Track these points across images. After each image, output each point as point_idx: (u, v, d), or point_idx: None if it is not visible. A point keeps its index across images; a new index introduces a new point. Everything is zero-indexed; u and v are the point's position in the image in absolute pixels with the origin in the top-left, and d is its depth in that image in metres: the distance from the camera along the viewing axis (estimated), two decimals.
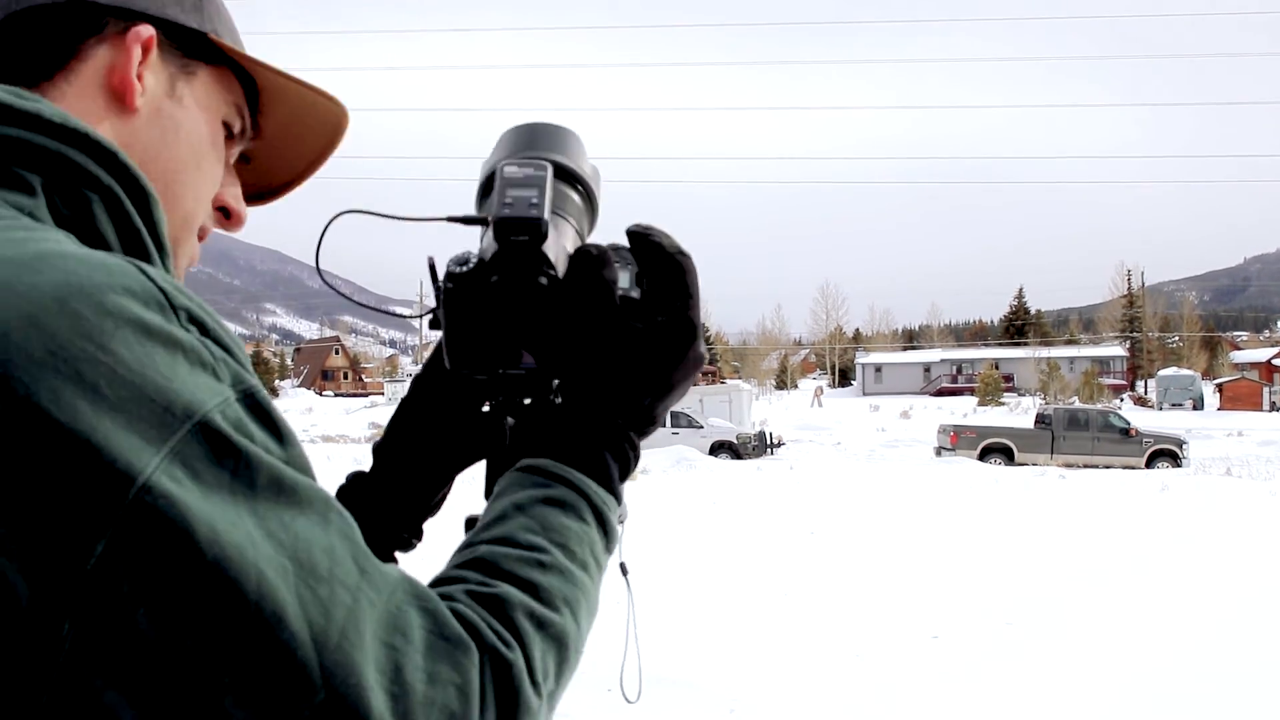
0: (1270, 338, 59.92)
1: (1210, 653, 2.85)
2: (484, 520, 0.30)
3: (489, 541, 0.29)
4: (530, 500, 0.30)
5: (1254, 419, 20.62)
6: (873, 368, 38.63)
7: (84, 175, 0.26)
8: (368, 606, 0.22)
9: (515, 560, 0.28)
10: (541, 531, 0.29)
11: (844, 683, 2.54)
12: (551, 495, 0.30)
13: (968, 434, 11.65)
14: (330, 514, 0.23)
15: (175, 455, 0.21)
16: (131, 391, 0.20)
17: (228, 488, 0.21)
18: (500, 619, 0.26)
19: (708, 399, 14.82)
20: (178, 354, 0.22)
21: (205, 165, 0.33)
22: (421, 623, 0.24)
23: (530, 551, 0.28)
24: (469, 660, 0.24)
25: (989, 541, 4.83)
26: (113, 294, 0.22)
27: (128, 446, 0.20)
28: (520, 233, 0.33)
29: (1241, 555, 4.45)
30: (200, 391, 0.22)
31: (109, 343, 0.21)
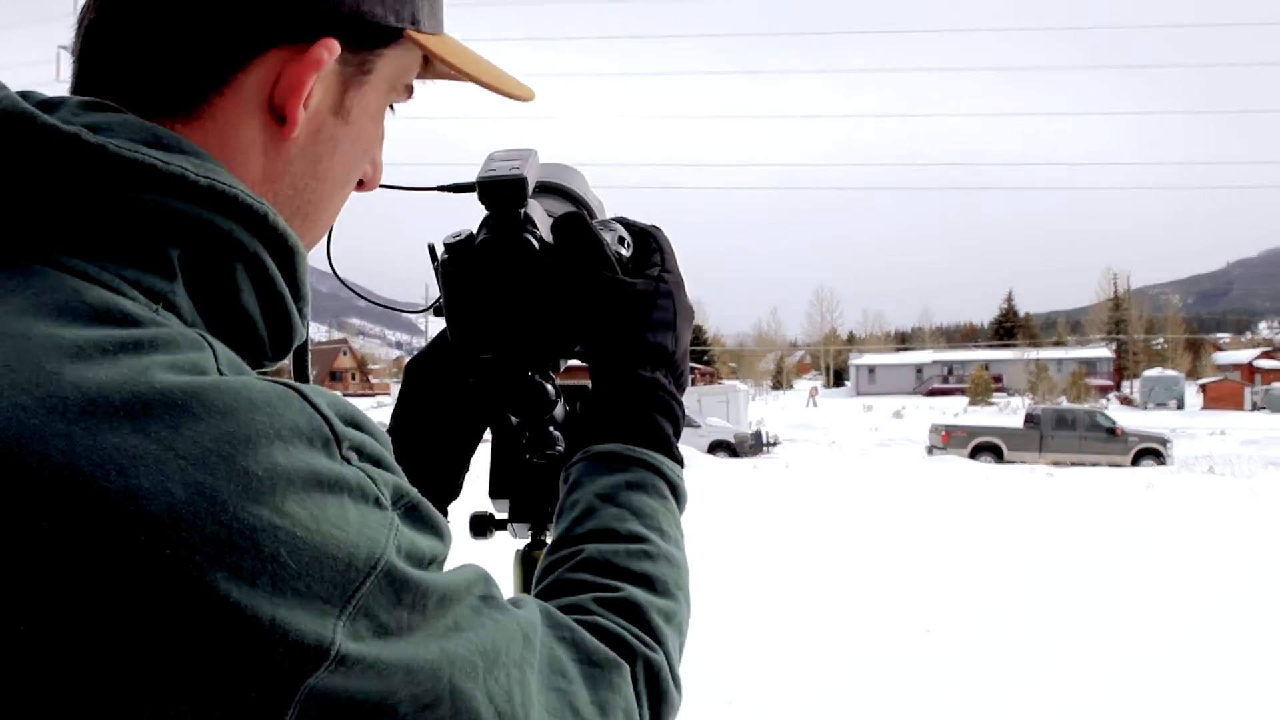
0: (1252, 339, 61.17)
1: (1195, 645, 2.91)
2: (572, 514, 0.31)
3: (591, 538, 0.29)
4: (614, 488, 0.31)
5: (1236, 418, 21.01)
6: (866, 369, 39.10)
7: (230, 243, 0.24)
8: (530, 670, 0.23)
9: (626, 556, 0.29)
10: (636, 519, 0.30)
11: (839, 675, 2.57)
12: (632, 479, 0.31)
13: (958, 433, 11.82)
14: (484, 591, 0.24)
15: (360, 611, 0.20)
16: (312, 555, 0.19)
17: (406, 625, 0.21)
18: (638, 624, 0.27)
19: (706, 399, 14.88)
20: (345, 496, 0.20)
21: (355, 175, 0.29)
22: (572, 656, 0.25)
23: (636, 544, 0.29)
24: (624, 678, 0.26)
25: (979, 538, 4.91)
26: (280, 442, 0.20)
27: (313, 618, 0.19)
28: (502, 191, 0.34)
29: (1224, 550, 4.55)
30: (372, 531, 0.21)
31: (283, 504, 0.19)
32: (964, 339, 58.06)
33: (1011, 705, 2.37)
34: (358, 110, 0.28)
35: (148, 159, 0.22)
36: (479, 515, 0.41)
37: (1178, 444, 12.04)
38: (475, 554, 0.56)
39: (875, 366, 39.49)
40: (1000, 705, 2.37)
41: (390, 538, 0.21)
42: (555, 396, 0.37)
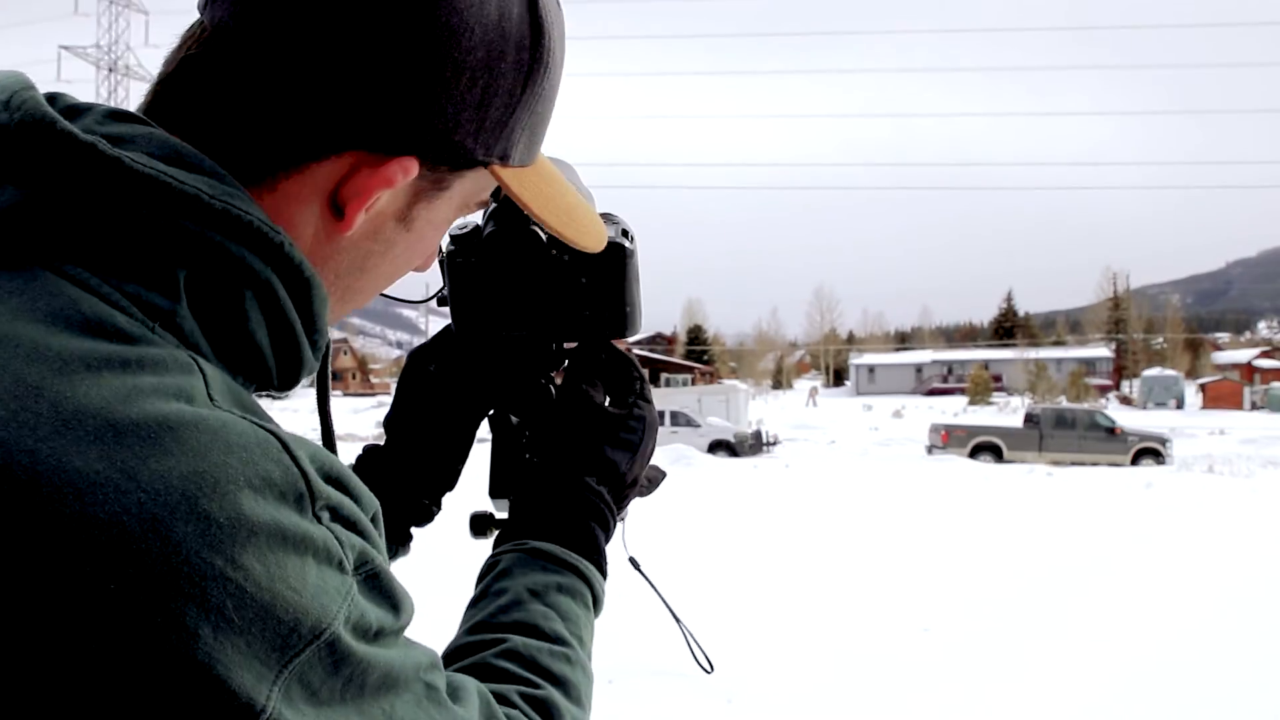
0: (1251, 339, 61.28)
1: (1195, 644, 2.92)
2: (499, 600, 0.32)
3: (517, 629, 0.31)
4: (545, 586, 0.32)
5: (1235, 418, 20.97)
6: (866, 368, 38.99)
7: (241, 269, 0.23)
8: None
9: (549, 655, 0.30)
10: (562, 621, 0.32)
11: (838, 674, 2.58)
12: (563, 583, 0.33)
13: (958, 433, 11.82)
14: (431, 681, 0.23)
15: (295, 676, 0.19)
16: (259, 612, 0.18)
17: (339, 696, 0.20)
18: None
19: (706, 398, 14.92)
20: (308, 556, 0.20)
21: (405, 272, 0.29)
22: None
23: (558, 645, 0.31)
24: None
25: (979, 537, 4.91)
26: (250, 490, 0.19)
27: (249, 677, 0.18)
28: None
29: (1224, 550, 4.55)
30: (327, 599, 0.20)
31: (240, 556, 0.18)
32: (963, 339, 58.09)
33: (1010, 704, 2.38)
34: (423, 220, 0.27)
35: (163, 176, 0.21)
36: (479, 515, 0.41)
37: (1177, 443, 12.05)
38: (476, 553, 0.56)
39: (875, 366, 39.40)
40: (999, 704, 2.38)
41: (342, 607, 0.20)
42: None
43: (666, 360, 36.92)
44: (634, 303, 0.38)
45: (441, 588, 0.51)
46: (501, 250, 0.35)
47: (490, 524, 0.41)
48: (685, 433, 11.70)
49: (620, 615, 0.88)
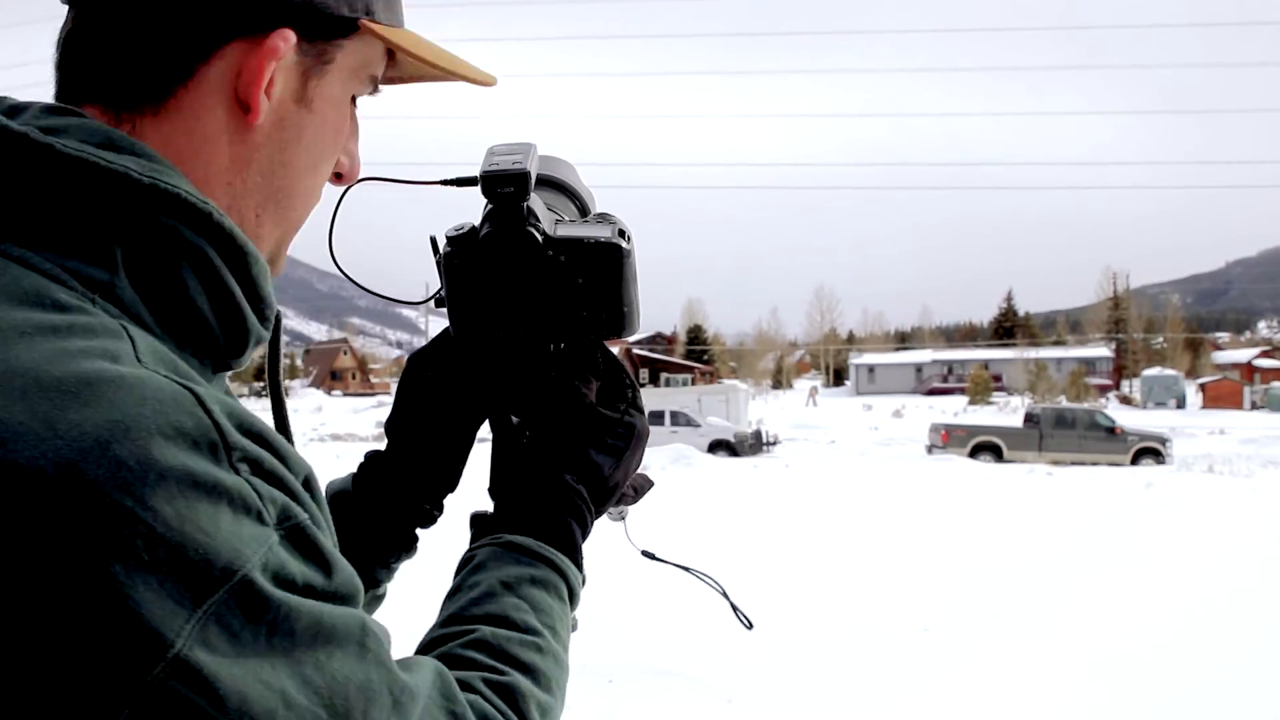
0: (1251, 339, 61.52)
1: (1194, 644, 2.92)
2: (471, 593, 0.32)
3: (488, 621, 0.31)
4: (518, 579, 0.33)
5: (1235, 418, 20.95)
6: (866, 368, 39.06)
7: (175, 240, 0.24)
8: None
9: (519, 644, 0.30)
10: (533, 612, 0.32)
11: (837, 674, 2.58)
12: (537, 575, 0.33)
13: (958, 432, 11.83)
14: (366, 641, 0.23)
15: (211, 617, 0.20)
16: (169, 552, 0.20)
17: (265, 643, 0.21)
18: (516, 712, 0.28)
19: (706, 398, 14.94)
20: (221, 503, 0.21)
21: (324, 165, 0.30)
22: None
23: (529, 635, 0.31)
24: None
25: (979, 537, 4.91)
26: (161, 438, 0.20)
27: (161, 613, 0.19)
28: (506, 185, 0.34)
29: (1223, 549, 4.55)
30: (242, 544, 0.21)
31: (150, 498, 0.20)
32: (963, 338, 57.97)
33: (1010, 704, 2.38)
34: (320, 99, 0.29)
35: (92, 157, 0.23)
36: (479, 515, 0.40)
37: (1177, 443, 12.06)
38: None
39: (875, 366, 39.46)
40: (998, 704, 2.38)
41: (259, 553, 0.21)
42: None
43: (666, 360, 37.00)
44: (632, 303, 0.38)
45: (441, 588, 0.51)
46: (498, 251, 0.35)
47: None
48: (685, 432, 11.72)
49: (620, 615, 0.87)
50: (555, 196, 0.40)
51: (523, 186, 0.35)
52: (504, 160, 0.35)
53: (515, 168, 0.35)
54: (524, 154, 0.35)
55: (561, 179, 0.41)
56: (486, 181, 0.35)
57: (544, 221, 0.36)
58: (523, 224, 0.35)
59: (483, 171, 0.35)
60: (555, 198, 0.40)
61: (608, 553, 0.52)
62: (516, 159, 0.35)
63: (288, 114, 0.28)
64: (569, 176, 0.41)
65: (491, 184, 0.35)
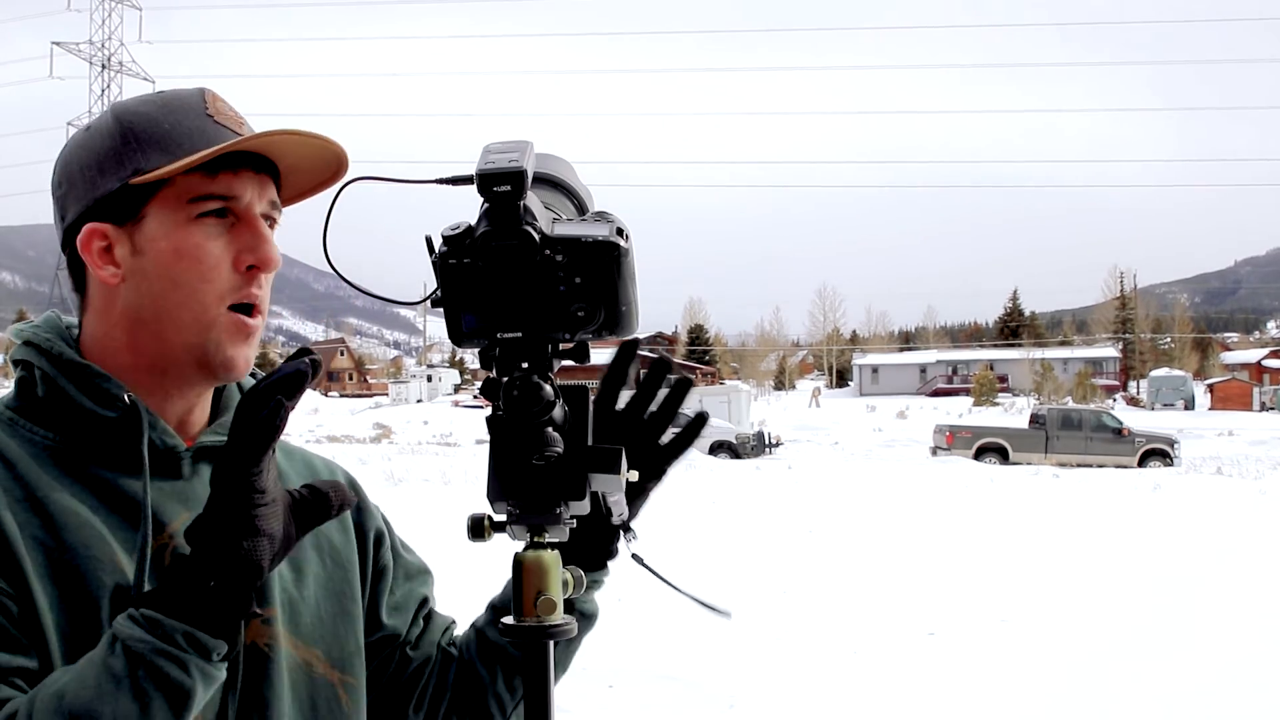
0: (1260, 339, 60.87)
1: (1201, 647, 2.89)
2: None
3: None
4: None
5: (1244, 419, 20.75)
6: (869, 369, 38.90)
7: (32, 366, 0.44)
8: None
9: None
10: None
11: (841, 679, 2.56)
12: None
13: (963, 434, 11.78)
14: None
15: None
16: None
17: None
18: None
19: (707, 399, 14.89)
20: None
21: (188, 275, 0.42)
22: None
23: None
24: None
25: (984, 540, 4.89)
26: None
27: None
28: (502, 183, 0.34)
29: (1232, 552, 4.51)
30: None
31: None
32: (968, 338, 57.91)
33: (1015, 709, 2.36)
34: (148, 242, 0.42)
35: (36, 338, 0.44)
36: (477, 517, 0.40)
37: (1185, 445, 11.99)
38: (474, 554, 0.55)
39: (879, 366, 39.34)
40: (1004, 709, 2.36)
41: None
42: (554, 397, 0.37)
43: None
44: (630, 302, 0.38)
45: (441, 588, 0.51)
46: (494, 250, 0.35)
47: (488, 527, 0.41)
48: None
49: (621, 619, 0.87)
50: (552, 195, 0.40)
51: (519, 185, 0.34)
52: (500, 158, 0.35)
53: (511, 166, 0.34)
54: (520, 152, 0.35)
55: (559, 177, 0.40)
56: (482, 180, 0.34)
57: (541, 220, 0.36)
58: (519, 222, 0.35)
59: (478, 170, 0.35)
60: (552, 196, 0.40)
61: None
62: (512, 157, 0.35)
63: (133, 266, 0.42)
64: (566, 175, 0.41)
65: (487, 182, 0.35)
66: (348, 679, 0.45)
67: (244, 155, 0.42)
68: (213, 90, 0.44)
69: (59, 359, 0.42)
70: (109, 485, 0.41)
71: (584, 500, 0.39)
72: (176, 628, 0.35)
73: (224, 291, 0.42)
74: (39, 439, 0.41)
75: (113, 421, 0.41)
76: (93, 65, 30.46)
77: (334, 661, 0.45)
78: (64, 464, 0.41)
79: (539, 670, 0.39)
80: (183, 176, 0.42)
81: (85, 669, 0.35)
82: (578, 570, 0.43)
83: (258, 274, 0.43)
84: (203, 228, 0.42)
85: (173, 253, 0.42)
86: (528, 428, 0.37)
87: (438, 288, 0.37)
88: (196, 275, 0.42)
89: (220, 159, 0.42)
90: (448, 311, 0.37)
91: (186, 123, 0.42)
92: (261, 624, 0.43)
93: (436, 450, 11.28)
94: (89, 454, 0.41)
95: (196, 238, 0.42)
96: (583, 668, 0.31)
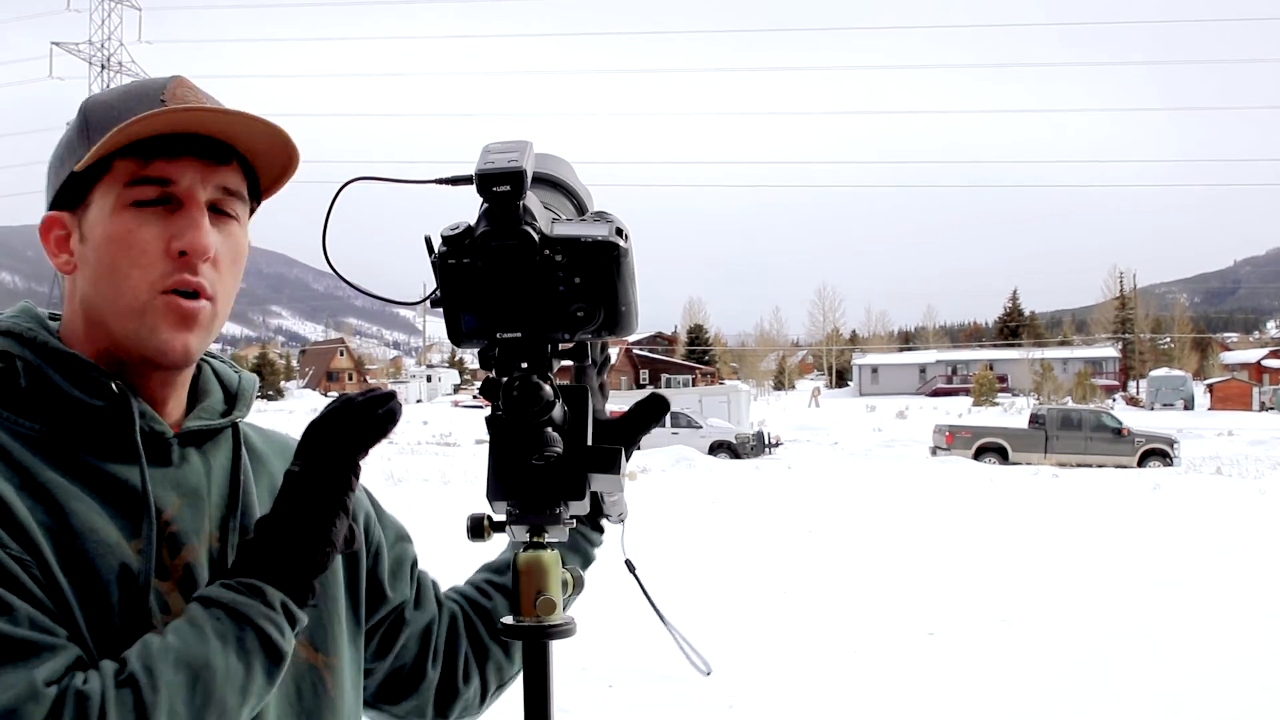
0: (1260, 339, 60.74)
1: (1201, 647, 2.89)
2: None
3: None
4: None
5: (1244, 419, 20.75)
6: (869, 369, 38.90)
7: (11, 356, 0.43)
8: None
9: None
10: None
11: (841, 679, 2.56)
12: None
13: (963, 434, 11.78)
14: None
15: None
16: None
17: None
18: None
19: (707, 399, 14.91)
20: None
21: (119, 261, 0.42)
22: None
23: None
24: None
25: (984, 540, 4.88)
26: None
27: None
28: (502, 183, 0.34)
29: (1232, 552, 4.51)
30: None
31: None
32: (968, 338, 57.80)
33: (1015, 709, 2.36)
34: (90, 229, 0.43)
35: (16, 328, 0.43)
36: (476, 517, 0.40)
37: (1185, 445, 11.98)
38: (473, 555, 0.55)
39: (878, 366, 39.33)
40: (1004, 709, 2.36)
41: None
42: (554, 397, 0.37)
43: (667, 361, 37.09)
44: (630, 302, 0.38)
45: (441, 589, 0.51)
46: (494, 250, 0.35)
47: (488, 527, 0.41)
48: (686, 434, 11.69)
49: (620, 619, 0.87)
50: (552, 195, 0.40)
51: (518, 185, 0.34)
52: (499, 159, 0.35)
53: (511, 166, 0.34)
54: (520, 152, 0.35)
55: (558, 177, 0.40)
56: (482, 180, 0.34)
57: (540, 220, 0.36)
58: (518, 222, 0.35)
59: (478, 170, 0.35)
60: (552, 196, 0.40)
61: (607, 554, 0.52)
62: (512, 157, 0.35)
63: (83, 255, 0.43)
64: (566, 175, 0.41)
65: (487, 182, 0.35)
66: (331, 660, 0.45)
67: (188, 141, 0.41)
68: (186, 80, 0.43)
69: (44, 348, 0.41)
70: (101, 473, 0.40)
71: (584, 500, 0.39)
72: (276, 596, 0.37)
73: (155, 278, 0.41)
74: (23, 430, 0.40)
75: (101, 410, 0.41)
76: (92, 65, 30.73)
77: (316, 643, 0.45)
78: (52, 455, 0.40)
79: (539, 670, 0.39)
80: (120, 161, 0.41)
81: (187, 630, 0.36)
82: (577, 570, 0.44)
83: (190, 260, 0.41)
84: (136, 214, 0.41)
85: (106, 239, 0.41)
86: (527, 428, 0.37)
87: (437, 288, 0.37)
88: (127, 261, 0.41)
89: (157, 143, 0.40)
90: (447, 311, 0.37)
91: (137, 109, 0.41)
92: None
93: (436, 450, 11.27)
94: (77, 443, 0.40)
95: (129, 224, 0.41)
96: (582, 668, 0.31)
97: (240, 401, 0.47)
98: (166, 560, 0.40)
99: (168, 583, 0.40)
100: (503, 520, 0.40)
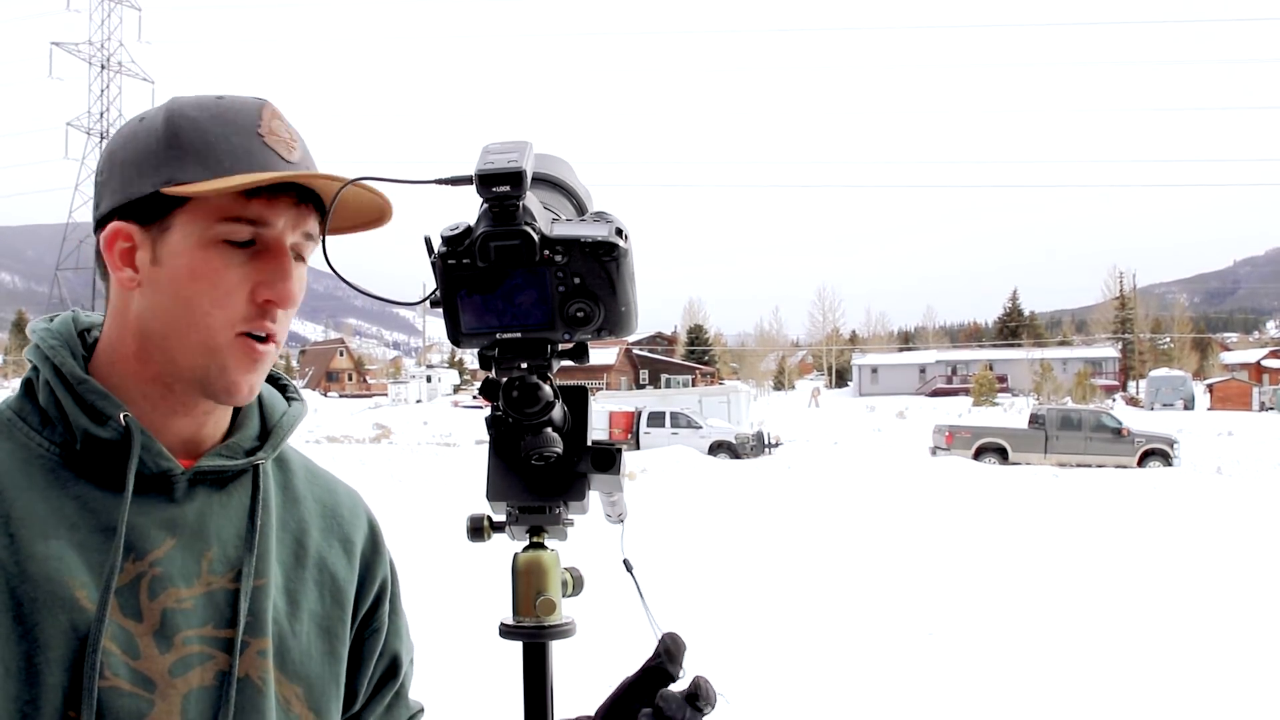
0: (1259, 339, 61.14)
1: (1201, 647, 2.89)
2: None
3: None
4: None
5: (1244, 419, 20.75)
6: (869, 369, 38.85)
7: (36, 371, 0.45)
8: None
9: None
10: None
11: (840, 679, 2.56)
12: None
13: (962, 434, 11.77)
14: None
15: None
16: None
17: None
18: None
19: (707, 400, 14.90)
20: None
21: (200, 299, 0.41)
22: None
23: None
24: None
25: (983, 540, 4.88)
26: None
27: None
28: (501, 183, 0.34)
29: (1232, 552, 4.51)
30: None
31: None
32: (968, 338, 57.81)
33: (1015, 709, 2.36)
34: (168, 255, 0.42)
35: (43, 344, 0.44)
36: (476, 518, 0.40)
37: (1185, 445, 11.98)
38: (473, 555, 0.54)
39: (878, 366, 39.28)
40: (1003, 709, 2.36)
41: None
42: (553, 397, 0.37)
43: (667, 361, 37.02)
44: (630, 302, 0.38)
45: (440, 588, 0.51)
46: (493, 250, 0.35)
47: (488, 527, 0.41)
48: (686, 434, 11.73)
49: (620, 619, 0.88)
50: (552, 195, 0.40)
51: (518, 184, 0.34)
52: (499, 159, 0.35)
53: (510, 166, 0.34)
54: (519, 152, 0.35)
55: (558, 177, 0.40)
56: (481, 180, 0.34)
57: (540, 220, 0.36)
58: (518, 222, 0.35)
59: (478, 170, 0.35)
60: (552, 196, 0.40)
61: (607, 554, 0.52)
62: (512, 157, 0.35)
63: (150, 275, 0.42)
64: (566, 175, 0.41)
65: (486, 182, 0.35)
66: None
67: (285, 183, 0.41)
68: (273, 106, 0.43)
69: (58, 371, 0.42)
70: (96, 503, 0.40)
71: (584, 500, 0.38)
72: None
73: (234, 320, 0.41)
74: (34, 445, 0.41)
75: (106, 440, 0.41)
76: (92, 65, 30.48)
77: (311, 701, 0.44)
78: (54, 476, 0.40)
79: (539, 671, 0.39)
80: (202, 201, 0.41)
81: None
82: (577, 570, 0.43)
83: (273, 308, 0.42)
84: (223, 252, 0.41)
85: (188, 272, 0.41)
86: (527, 428, 0.37)
87: (437, 288, 0.37)
88: (209, 300, 0.41)
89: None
90: (447, 312, 0.37)
91: (234, 139, 0.41)
92: (257, 656, 0.42)
93: (436, 450, 11.26)
94: (81, 468, 0.41)
95: (215, 261, 0.41)
96: (583, 668, 0.31)
97: (274, 438, 0.45)
98: (144, 602, 0.39)
99: (142, 625, 0.39)
100: (503, 520, 0.40)
